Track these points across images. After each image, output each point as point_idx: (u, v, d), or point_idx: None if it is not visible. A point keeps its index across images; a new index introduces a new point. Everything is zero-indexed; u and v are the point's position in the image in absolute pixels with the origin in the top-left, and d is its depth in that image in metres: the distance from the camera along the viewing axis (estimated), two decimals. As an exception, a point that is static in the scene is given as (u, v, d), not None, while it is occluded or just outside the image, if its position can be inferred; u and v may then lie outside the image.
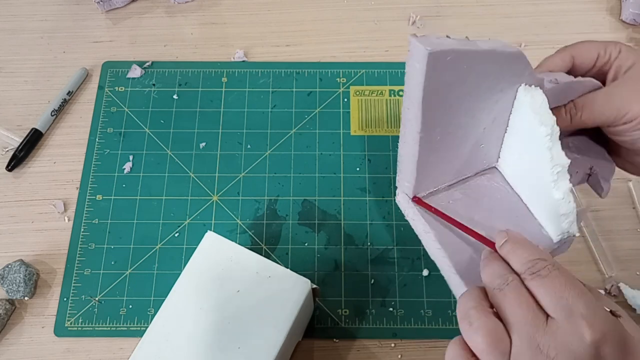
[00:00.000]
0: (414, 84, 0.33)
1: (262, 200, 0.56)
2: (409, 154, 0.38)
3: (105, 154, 0.58)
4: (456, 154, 0.40)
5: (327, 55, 0.64)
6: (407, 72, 0.33)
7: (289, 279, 0.43)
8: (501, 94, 0.37)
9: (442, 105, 0.35)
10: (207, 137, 0.59)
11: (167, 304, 0.42)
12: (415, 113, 0.34)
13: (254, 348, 0.40)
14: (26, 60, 0.64)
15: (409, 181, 0.39)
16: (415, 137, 0.36)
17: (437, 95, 0.34)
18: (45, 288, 0.53)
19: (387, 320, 0.51)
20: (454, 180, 0.42)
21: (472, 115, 0.37)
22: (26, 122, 0.60)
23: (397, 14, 0.66)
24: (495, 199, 0.42)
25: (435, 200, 0.41)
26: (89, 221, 0.55)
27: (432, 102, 0.34)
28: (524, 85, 0.37)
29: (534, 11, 0.66)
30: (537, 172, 0.38)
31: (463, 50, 0.32)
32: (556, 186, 0.37)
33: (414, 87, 0.33)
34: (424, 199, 0.41)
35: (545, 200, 0.39)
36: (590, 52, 0.39)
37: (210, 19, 0.66)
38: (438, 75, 0.32)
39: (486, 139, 0.40)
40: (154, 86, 0.62)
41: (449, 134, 0.37)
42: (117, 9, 0.67)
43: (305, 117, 0.60)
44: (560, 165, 0.36)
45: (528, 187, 0.41)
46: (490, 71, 0.35)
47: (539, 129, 0.36)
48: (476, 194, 0.42)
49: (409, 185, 0.40)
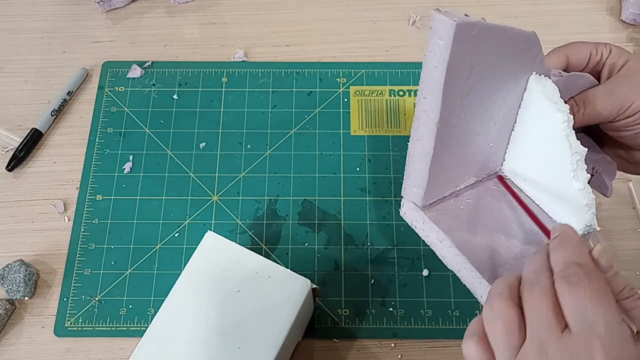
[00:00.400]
0: (436, 64, 0.31)
1: (262, 200, 0.56)
2: (422, 152, 0.36)
3: (105, 154, 0.58)
4: (466, 153, 0.39)
5: (327, 55, 0.64)
6: (428, 54, 0.32)
7: (289, 279, 0.43)
8: (514, 83, 0.36)
9: (460, 91, 0.34)
10: (207, 137, 0.59)
11: (167, 304, 0.42)
12: (434, 100, 0.33)
13: (254, 348, 0.40)
14: (26, 60, 0.64)
15: (419, 186, 0.38)
16: (431, 130, 0.34)
17: (458, 77, 0.33)
18: (45, 288, 0.53)
19: (387, 320, 0.51)
20: (462, 186, 0.41)
21: (485, 107, 0.36)
22: (26, 122, 0.60)
23: (397, 14, 0.66)
24: (507, 205, 0.41)
25: (444, 207, 0.40)
26: (89, 221, 0.55)
27: (453, 86, 0.33)
28: (535, 74, 0.36)
29: (534, 11, 0.66)
30: (554, 165, 0.37)
31: (488, 25, 0.32)
32: (576, 176, 0.35)
33: (434, 69, 0.32)
34: (431, 206, 0.39)
35: (565, 194, 0.37)
36: (583, 51, 0.39)
37: (210, 19, 0.66)
38: (462, 53, 0.31)
39: (494, 137, 0.39)
40: (154, 86, 0.62)
41: (461, 129, 0.36)
42: (117, 9, 0.67)
43: (305, 117, 0.60)
44: (578, 153, 0.35)
45: (542, 185, 0.40)
46: (507, 54, 0.34)
47: (555, 116, 0.35)
48: (486, 199, 0.41)
49: (418, 191, 0.38)
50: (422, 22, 0.65)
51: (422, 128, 0.35)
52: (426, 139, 0.35)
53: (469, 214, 0.40)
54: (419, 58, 0.63)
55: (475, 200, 0.41)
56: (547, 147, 0.37)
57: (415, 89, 0.61)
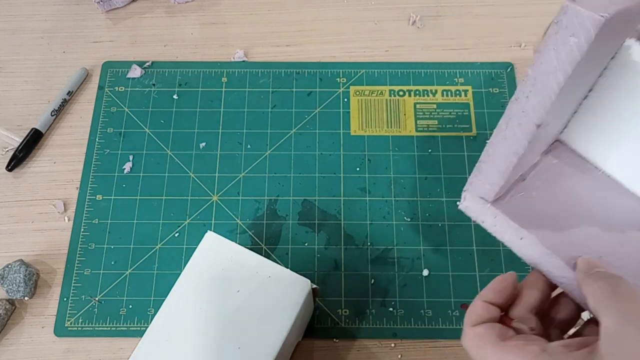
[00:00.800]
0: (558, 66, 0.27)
1: (262, 200, 0.56)
2: (509, 152, 0.32)
3: (105, 154, 0.58)
4: (539, 137, 0.34)
5: (327, 55, 0.64)
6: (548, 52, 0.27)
7: (289, 279, 0.43)
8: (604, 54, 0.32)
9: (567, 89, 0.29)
10: (207, 137, 0.59)
11: (167, 304, 0.42)
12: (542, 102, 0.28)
13: (254, 348, 0.40)
14: (26, 60, 0.64)
15: (494, 183, 0.34)
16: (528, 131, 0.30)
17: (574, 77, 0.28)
18: (45, 288, 0.53)
19: (387, 320, 0.51)
20: (526, 168, 0.37)
21: (574, 91, 0.32)
22: (26, 122, 0.60)
23: (397, 14, 0.66)
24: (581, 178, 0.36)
25: (515, 197, 0.35)
26: (89, 221, 0.55)
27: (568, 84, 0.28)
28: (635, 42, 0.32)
29: (533, 11, 0.66)
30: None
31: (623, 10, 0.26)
32: None
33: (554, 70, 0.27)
34: (501, 199, 0.35)
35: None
36: None
37: (210, 19, 0.66)
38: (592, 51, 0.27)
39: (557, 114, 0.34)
40: (154, 86, 0.62)
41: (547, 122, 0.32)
42: (117, 9, 0.67)
43: (305, 117, 0.60)
44: None
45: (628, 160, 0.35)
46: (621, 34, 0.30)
47: None
48: (555, 178, 0.36)
49: (492, 187, 0.34)
50: (422, 22, 0.65)
51: (515, 128, 0.31)
52: (518, 139, 0.31)
53: (544, 201, 0.35)
54: (419, 58, 0.63)
55: (544, 182, 0.36)
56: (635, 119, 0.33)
57: (415, 89, 0.61)
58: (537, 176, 0.36)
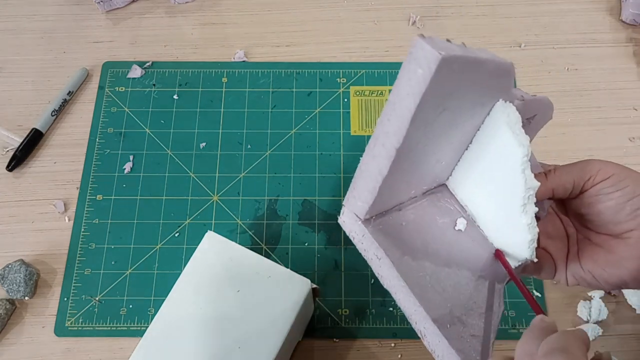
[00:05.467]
0: (409, 93, 0.29)
1: (262, 200, 0.56)
2: (375, 171, 0.34)
3: (105, 154, 0.58)
4: (416, 171, 0.37)
5: (327, 55, 0.64)
6: (401, 79, 0.29)
7: (289, 279, 0.43)
8: (480, 108, 0.35)
9: (427, 118, 0.31)
10: (207, 137, 0.59)
11: (167, 304, 0.42)
12: (400, 126, 0.30)
13: (254, 348, 0.40)
14: (26, 60, 0.64)
15: (365, 200, 0.35)
16: (390, 153, 0.32)
17: (428, 107, 0.30)
18: (45, 288, 0.53)
19: (387, 320, 0.51)
20: (405, 199, 0.39)
21: (446, 131, 0.35)
22: (26, 122, 0.60)
23: (397, 14, 0.66)
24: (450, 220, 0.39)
25: (386, 222, 0.37)
26: (89, 221, 0.55)
27: (422, 114, 0.30)
28: (502, 101, 0.35)
29: (533, 11, 0.66)
30: (504, 194, 0.36)
31: (470, 58, 0.29)
32: (524, 210, 0.35)
33: (406, 96, 0.29)
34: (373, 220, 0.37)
35: (509, 225, 0.37)
36: None
37: (210, 19, 0.66)
38: (438, 85, 0.29)
39: (446, 156, 0.38)
40: (154, 86, 0.62)
41: (418, 152, 0.34)
42: (118, 9, 0.67)
43: (305, 117, 0.60)
44: (531, 188, 0.34)
45: (487, 208, 0.39)
46: (482, 83, 0.33)
47: (515, 150, 0.34)
48: (429, 215, 0.39)
49: (363, 205, 0.35)
50: (422, 22, 0.65)
51: (379, 148, 0.33)
52: (382, 159, 0.33)
53: (410, 232, 0.38)
54: (418, 58, 0.63)
55: (418, 216, 0.39)
56: (499, 175, 0.36)
57: (415, 89, 0.61)
58: (413, 210, 0.39)
